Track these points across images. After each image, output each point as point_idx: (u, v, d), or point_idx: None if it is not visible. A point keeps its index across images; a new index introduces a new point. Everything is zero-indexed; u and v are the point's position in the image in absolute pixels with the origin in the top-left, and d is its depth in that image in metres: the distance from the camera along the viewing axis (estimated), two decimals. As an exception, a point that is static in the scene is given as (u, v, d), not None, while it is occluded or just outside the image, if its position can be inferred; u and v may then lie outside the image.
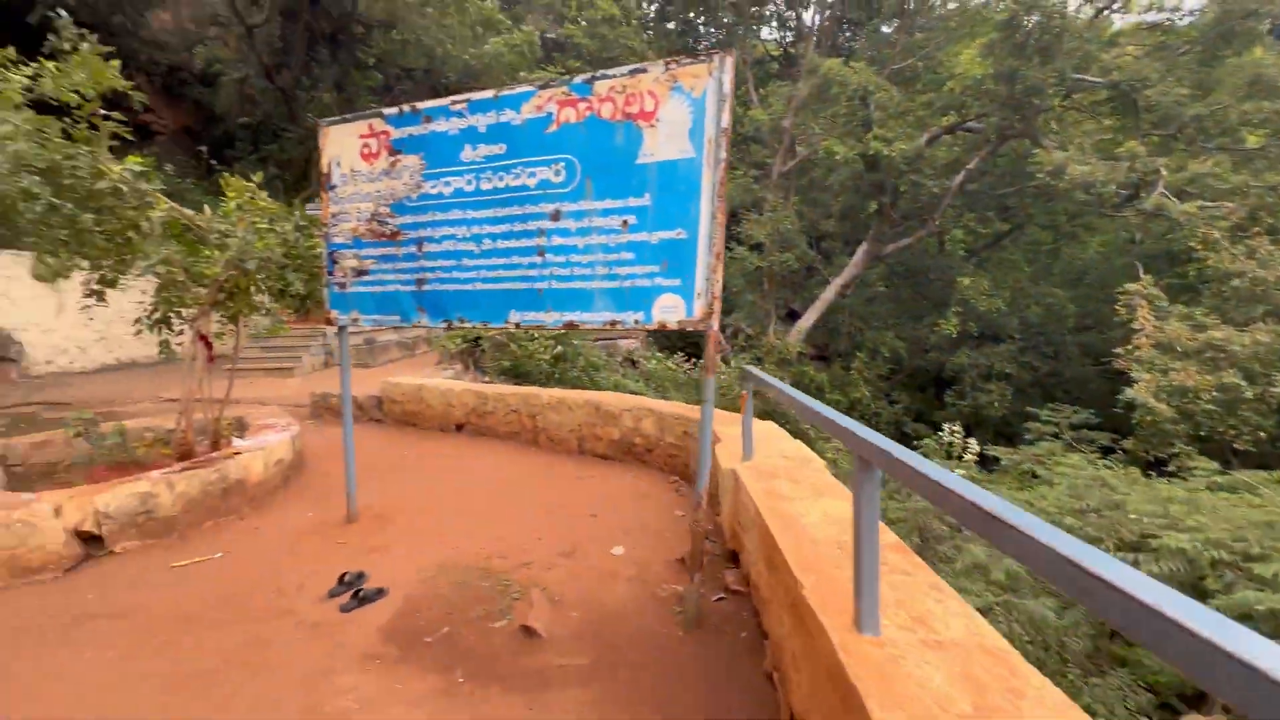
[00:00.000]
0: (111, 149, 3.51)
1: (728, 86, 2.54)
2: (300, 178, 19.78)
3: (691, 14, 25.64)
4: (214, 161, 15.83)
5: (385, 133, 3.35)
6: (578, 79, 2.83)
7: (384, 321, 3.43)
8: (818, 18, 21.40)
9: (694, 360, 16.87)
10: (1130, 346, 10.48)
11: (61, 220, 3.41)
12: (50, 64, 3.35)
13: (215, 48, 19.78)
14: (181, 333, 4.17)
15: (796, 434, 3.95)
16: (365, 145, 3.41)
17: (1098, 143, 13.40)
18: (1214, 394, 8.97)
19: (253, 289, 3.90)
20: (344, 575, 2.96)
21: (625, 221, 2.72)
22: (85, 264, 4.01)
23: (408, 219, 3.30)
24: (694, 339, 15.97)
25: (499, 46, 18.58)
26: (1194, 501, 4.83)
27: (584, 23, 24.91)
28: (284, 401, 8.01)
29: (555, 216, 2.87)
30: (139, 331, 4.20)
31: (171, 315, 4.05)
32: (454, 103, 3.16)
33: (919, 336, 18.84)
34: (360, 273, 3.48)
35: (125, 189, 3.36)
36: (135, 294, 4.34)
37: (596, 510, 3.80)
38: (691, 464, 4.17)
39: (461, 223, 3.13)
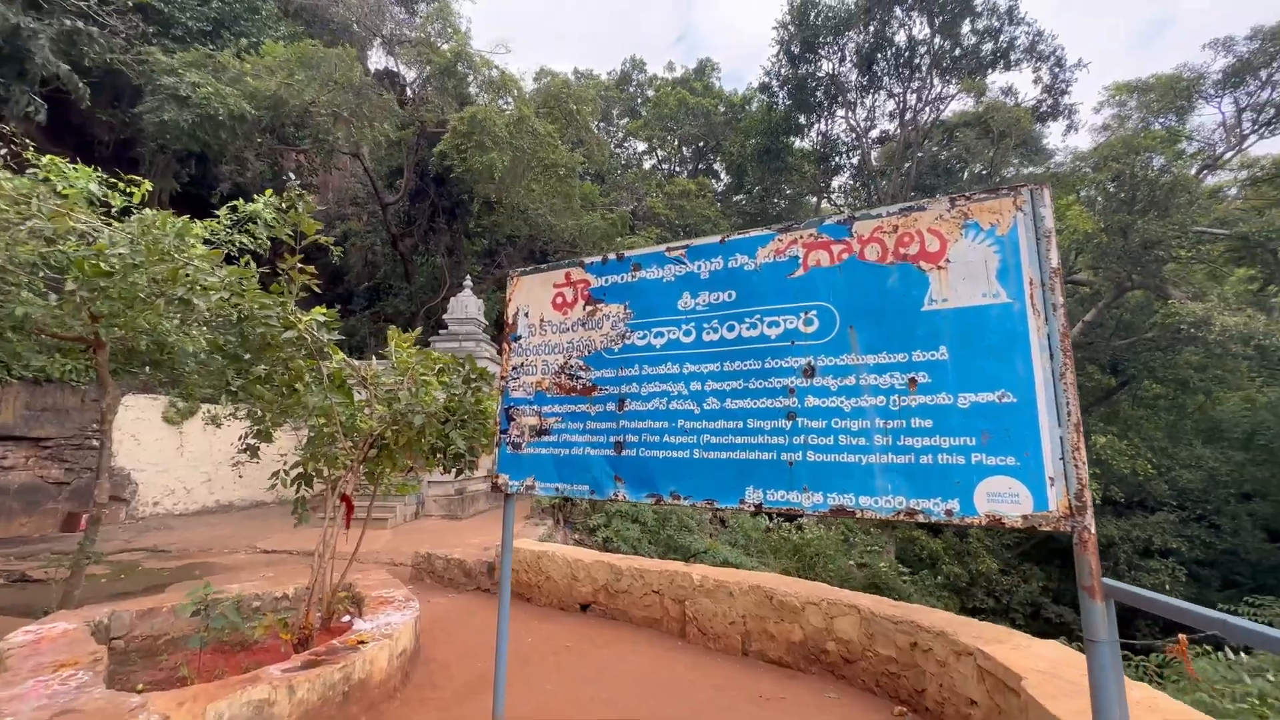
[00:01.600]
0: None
1: (1048, 221, 2.07)
2: (406, 327, 21.35)
3: (757, 187, 27.84)
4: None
5: (584, 281, 3.08)
6: (829, 220, 2.46)
7: (567, 491, 2.88)
8: (886, 184, 22.51)
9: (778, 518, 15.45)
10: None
11: (234, 369, 3.22)
12: (256, 208, 3.42)
13: (350, 222, 22.85)
14: (321, 491, 3.76)
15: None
16: (559, 294, 3.15)
17: (1241, 293, 12.43)
18: None
19: (409, 445, 3.51)
20: None
21: (913, 380, 2.14)
22: (239, 413, 3.82)
23: (606, 372, 2.88)
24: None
25: (594, 219, 20.37)
26: None
27: (664, 196, 27.42)
28: (378, 558, 7.46)
29: (809, 373, 2.34)
30: (273, 485, 3.84)
31: (314, 472, 3.67)
32: (670, 249, 2.86)
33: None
34: (540, 432, 3.03)
35: (309, 339, 3.17)
36: (237, 433, 4.08)
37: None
38: (931, 690, 3.13)
39: (677, 378, 2.66)
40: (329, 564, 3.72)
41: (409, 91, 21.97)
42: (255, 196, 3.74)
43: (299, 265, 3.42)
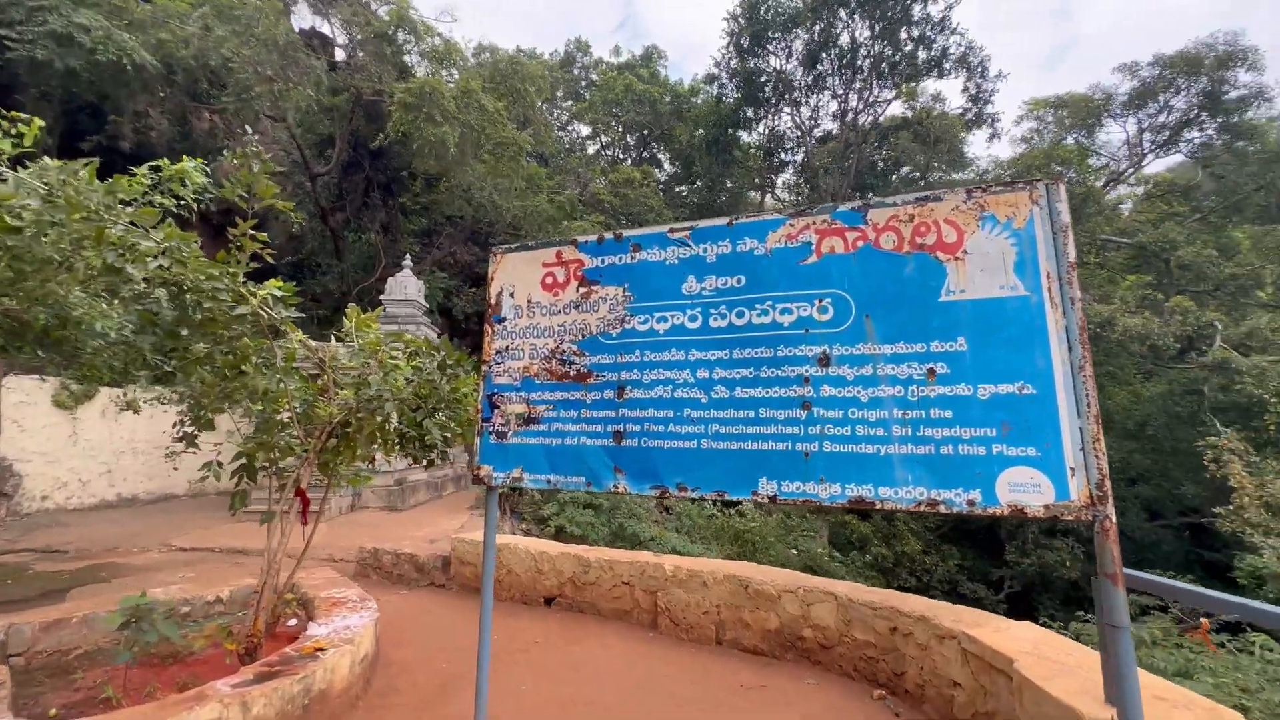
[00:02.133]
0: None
1: (1065, 215, 2.11)
2: (335, 310, 20.02)
3: (705, 179, 28.05)
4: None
5: (577, 261, 2.90)
6: (844, 207, 2.42)
7: (561, 483, 2.72)
8: (828, 182, 23.19)
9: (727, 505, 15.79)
10: (1233, 506, 9.67)
11: (169, 347, 2.84)
12: (184, 168, 3.01)
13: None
14: (282, 486, 3.41)
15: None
16: (549, 274, 2.95)
17: (1141, 297, 13.71)
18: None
19: (375, 434, 3.22)
20: None
21: (931, 370, 2.13)
22: (165, 398, 3.38)
23: (603, 358, 2.72)
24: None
25: (540, 201, 19.81)
26: None
27: (608, 183, 27.14)
28: (316, 555, 6.95)
29: (824, 362, 2.29)
30: (205, 477, 3.44)
31: (266, 462, 3.32)
32: (673, 230, 2.74)
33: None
34: (529, 420, 2.84)
35: (264, 315, 2.82)
36: (159, 421, 3.62)
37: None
38: (911, 673, 3.21)
39: (683, 365, 2.55)
40: (279, 564, 3.37)
41: (340, 55, 20.47)
42: (168, 160, 3.27)
43: (250, 231, 3.04)
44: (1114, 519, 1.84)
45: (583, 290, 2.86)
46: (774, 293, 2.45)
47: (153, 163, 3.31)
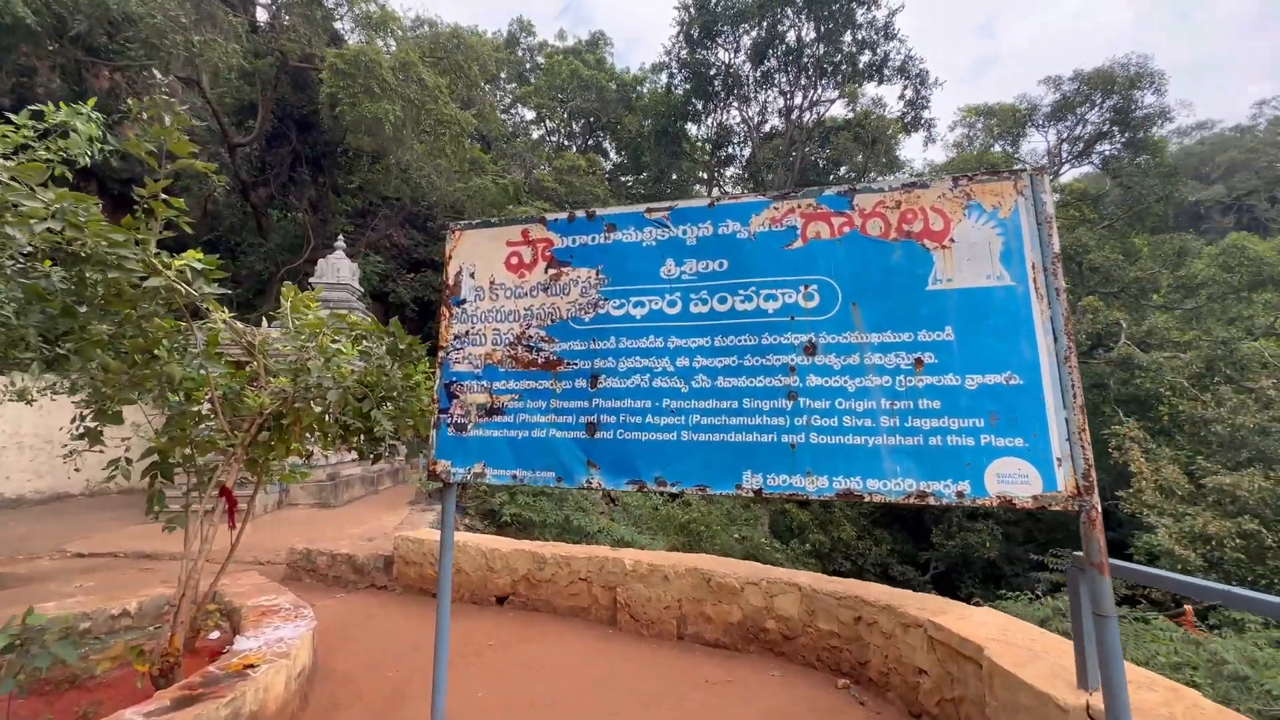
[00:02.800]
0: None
1: (1049, 206, 2.11)
2: (257, 293, 18.60)
3: (652, 170, 27.98)
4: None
5: (546, 240, 2.70)
6: (829, 191, 2.34)
7: (528, 479, 2.52)
8: (773, 178, 23.64)
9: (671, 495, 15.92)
10: (1133, 490, 10.57)
11: (64, 327, 2.45)
12: (68, 117, 2.59)
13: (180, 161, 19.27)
14: (203, 485, 3.04)
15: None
16: (514, 254, 2.74)
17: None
18: (1236, 541, 8.92)
19: (315, 426, 2.91)
20: None
21: (919, 360, 2.10)
22: (59, 386, 2.96)
23: (575, 345, 2.55)
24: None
25: (485, 183, 19.11)
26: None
27: (553, 169, 26.63)
28: (240, 558, 6.40)
29: (810, 350, 2.22)
30: (113, 476, 3.02)
31: (182, 458, 2.95)
32: (650, 210, 2.59)
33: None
34: (492, 411, 2.62)
35: (182, 291, 2.47)
36: (51, 413, 3.16)
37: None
38: (876, 661, 3.23)
39: (661, 353, 2.41)
40: (200, 570, 3.00)
41: (262, 16, 18.89)
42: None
43: (164, 196, 2.65)
44: (1099, 509, 1.86)
45: (552, 272, 2.66)
46: (758, 278, 2.35)
47: (33, 107, 2.82)
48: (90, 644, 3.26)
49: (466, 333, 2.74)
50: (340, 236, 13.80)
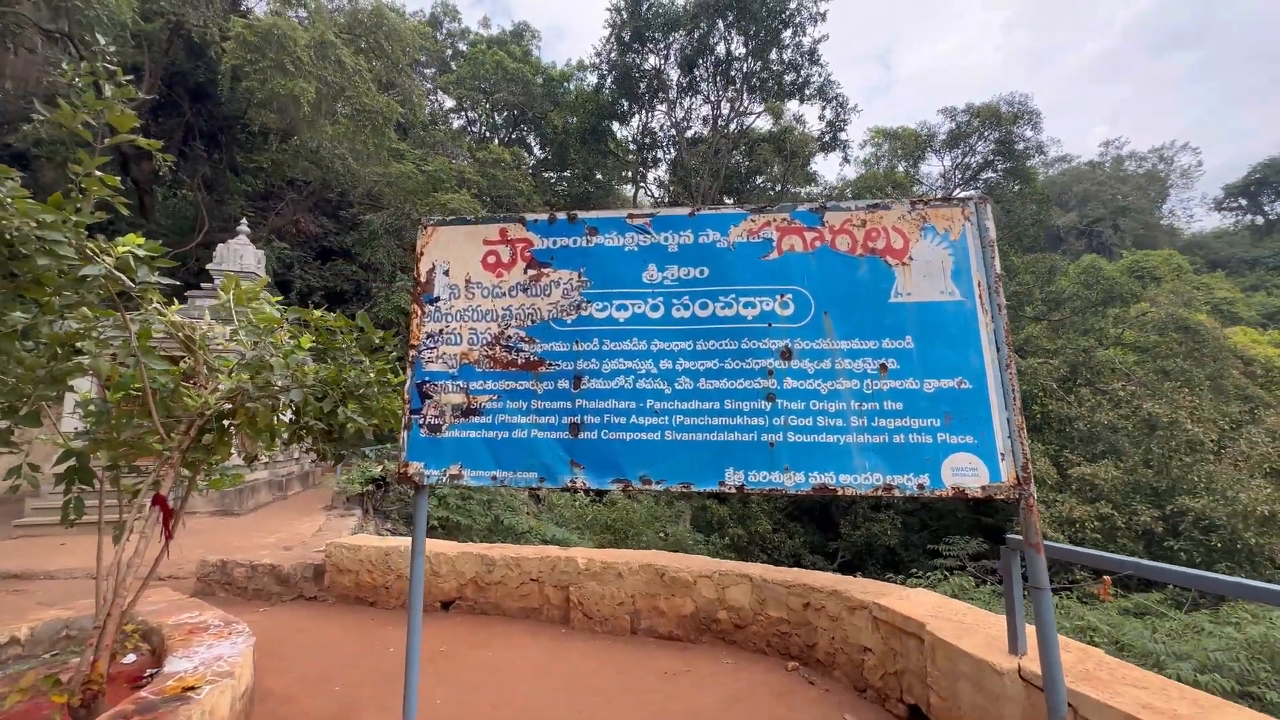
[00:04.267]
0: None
1: (991, 232, 2.41)
2: (137, 279, 16.63)
3: (579, 168, 27.88)
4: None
5: (525, 241, 2.70)
6: (802, 207, 2.54)
7: (509, 480, 2.51)
8: (698, 182, 24.24)
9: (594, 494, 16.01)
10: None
11: None
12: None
13: (46, 126, 16.90)
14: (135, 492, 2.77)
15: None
16: (492, 252, 2.72)
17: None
18: (1095, 523, 10.29)
19: (270, 428, 2.73)
20: None
21: (884, 365, 2.32)
22: None
23: (557, 346, 2.57)
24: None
25: (407, 169, 18.24)
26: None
27: (475, 161, 25.89)
28: (137, 572, 5.77)
29: (786, 355, 2.39)
30: (18, 485, 2.69)
31: (114, 462, 2.68)
32: (632, 216, 2.67)
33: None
34: (468, 411, 2.58)
35: (123, 279, 2.26)
36: None
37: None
38: (823, 643, 3.49)
39: (644, 355, 2.50)
40: (128, 588, 2.72)
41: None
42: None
43: (98, 174, 2.39)
44: (1035, 496, 2.15)
45: (531, 272, 2.67)
46: (737, 285, 2.50)
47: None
48: (-26, 677, 2.86)
49: (440, 331, 2.68)
50: (244, 220, 12.66)
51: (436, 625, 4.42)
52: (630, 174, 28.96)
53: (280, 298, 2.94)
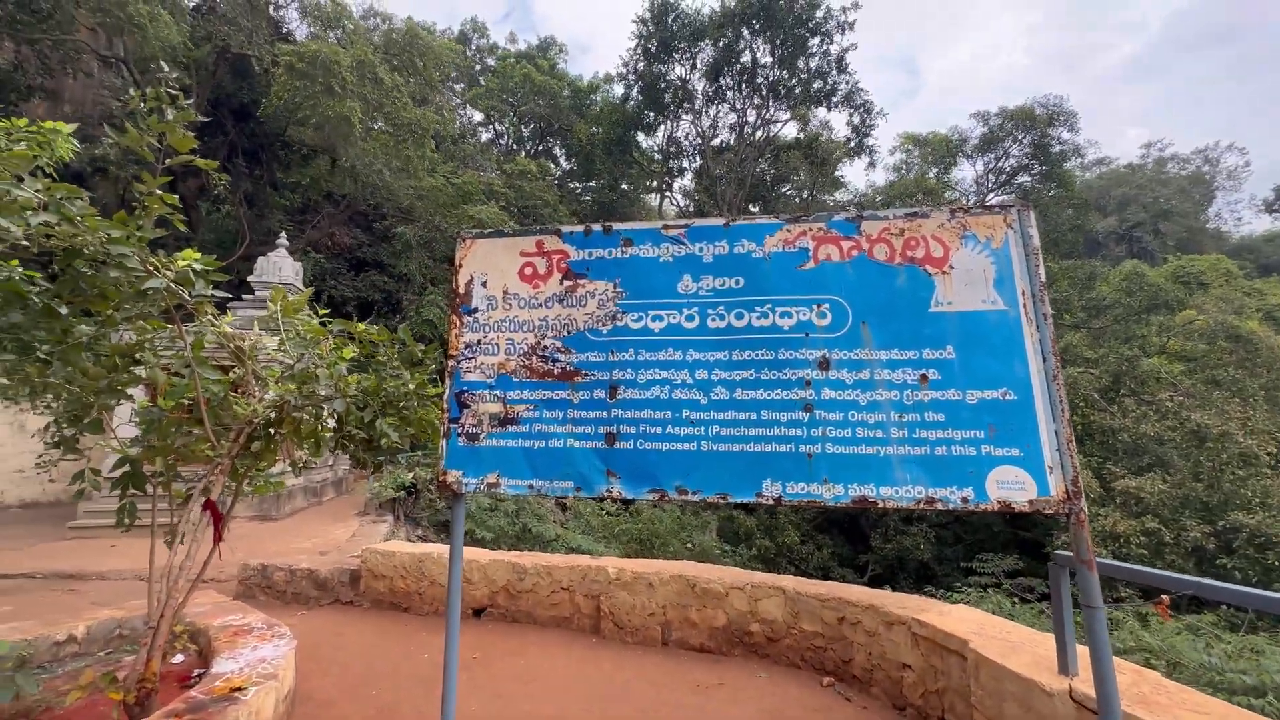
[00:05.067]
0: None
1: (1035, 240, 2.35)
2: (183, 291, 17.30)
3: (605, 178, 28.11)
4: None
5: (561, 252, 2.74)
6: (838, 216, 2.52)
7: (545, 489, 2.54)
8: (724, 190, 24.22)
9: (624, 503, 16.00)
10: (1053, 494, 11.50)
11: (45, 328, 2.30)
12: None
13: (101, 146, 17.82)
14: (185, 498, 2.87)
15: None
16: (529, 264, 2.76)
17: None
18: (1141, 539, 9.87)
19: (312, 436, 2.81)
20: None
21: (924, 376, 2.28)
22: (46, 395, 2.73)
23: (593, 356, 2.60)
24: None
25: (438, 183, 18.64)
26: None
27: (502, 173, 26.31)
28: (188, 574, 5.96)
29: (824, 365, 2.36)
30: (82, 491, 2.81)
31: (166, 468, 2.79)
32: (667, 227, 2.68)
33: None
34: (506, 421, 2.62)
35: (185, 293, 2.36)
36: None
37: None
38: (859, 659, 3.42)
39: (680, 365, 2.50)
40: (180, 589, 2.82)
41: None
42: None
43: (158, 192, 2.51)
44: (1086, 511, 2.08)
45: (567, 283, 2.70)
46: (773, 296, 2.49)
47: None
48: (34, 674, 2.99)
49: (478, 341, 2.73)
50: (283, 234, 13.11)
51: (469, 632, 4.46)
52: (655, 183, 29.09)
53: (326, 311, 3.03)
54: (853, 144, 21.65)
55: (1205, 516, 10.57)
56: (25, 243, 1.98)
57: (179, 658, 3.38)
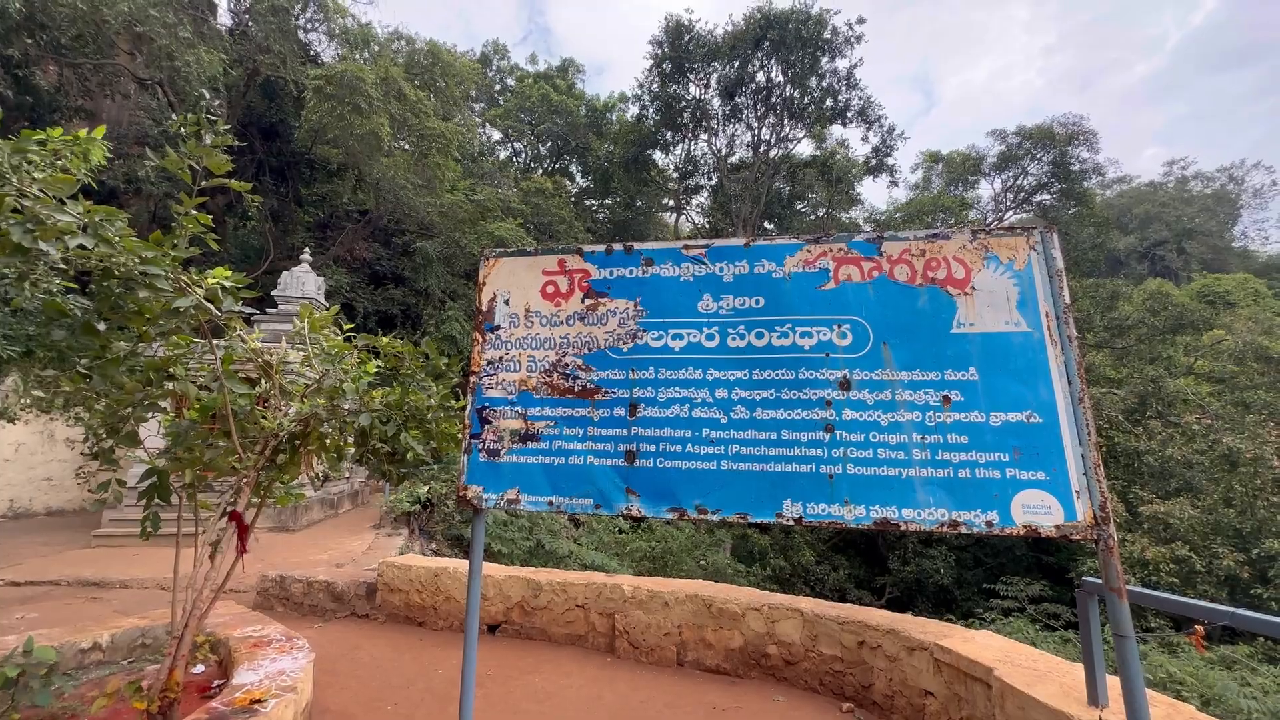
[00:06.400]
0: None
1: (1059, 261, 2.34)
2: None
3: (621, 196, 28.40)
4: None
5: (583, 271, 2.78)
6: (858, 237, 2.53)
7: (565, 505, 2.55)
8: (739, 208, 24.31)
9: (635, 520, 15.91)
10: (1077, 517, 11.22)
11: (85, 343, 2.37)
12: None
13: (133, 164, 18.42)
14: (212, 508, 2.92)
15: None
16: (550, 283, 2.80)
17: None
18: (1170, 566, 9.57)
19: (337, 449, 2.85)
20: None
21: (946, 398, 2.26)
22: (52, 404, 2.82)
23: (614, 374, 2.62)
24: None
25: (458, 199, 18.96)
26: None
27: (520, 190, 26.71)
28: (212, 584, 6.03)
29: (845, 385, 2.36)
30: (107, 498, 2.88)
31: (194, 479, 2.84)
32: (687, 247, 2.71)
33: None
34: (526, 437, 2.65)
35: (214, 311, 2.43)
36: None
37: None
38: (880, 685, 3.35)
39: (700, 384, 2.51)
40: (205, 600, 2.86)
41: (224, 20, 18.39)
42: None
43: (193, 212, 2.60)
44: (1115, 538, 2.04)
45: (589, 302, 2.74)
46: (794, 315, 2.49)
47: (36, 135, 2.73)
48: (60, 680, 3.04)
49: (500, 358, 2.77)
50: (307, 249, 13.40)
51: (484, 648, 4.45)
52: (671, 201, 29.32)
53: (351, 325, 3.09)
54: (872, 162, 21.67)
55: (1238, 544, 10.23)
56: (63, 265, 2.06)
57: (200, 668, 3.42)
